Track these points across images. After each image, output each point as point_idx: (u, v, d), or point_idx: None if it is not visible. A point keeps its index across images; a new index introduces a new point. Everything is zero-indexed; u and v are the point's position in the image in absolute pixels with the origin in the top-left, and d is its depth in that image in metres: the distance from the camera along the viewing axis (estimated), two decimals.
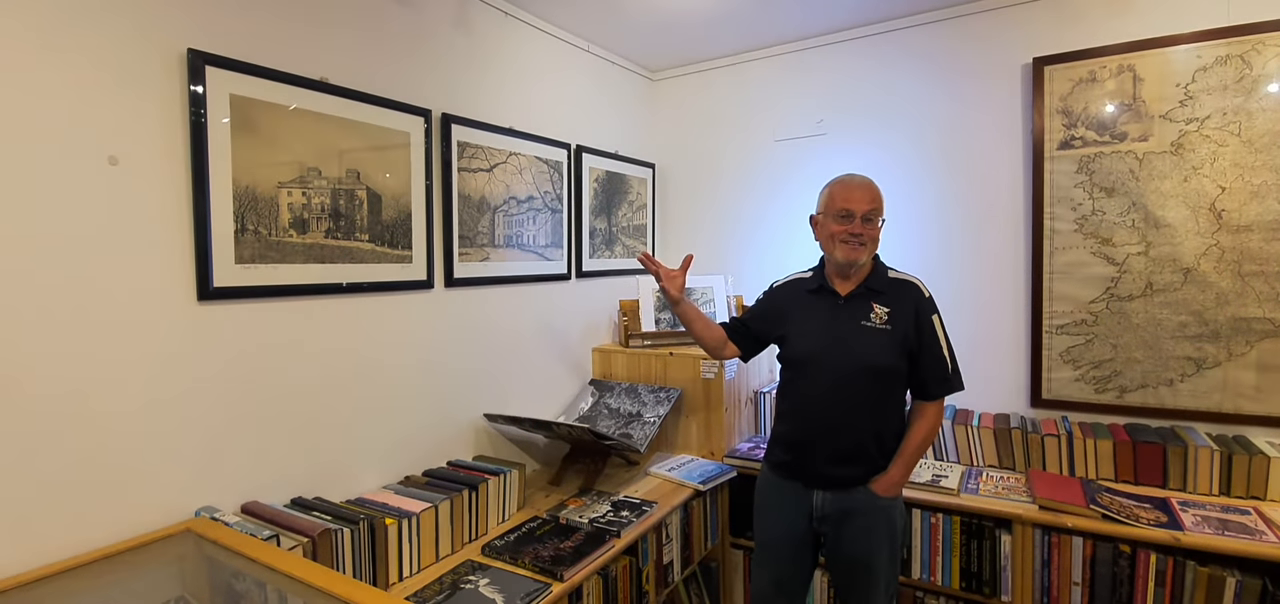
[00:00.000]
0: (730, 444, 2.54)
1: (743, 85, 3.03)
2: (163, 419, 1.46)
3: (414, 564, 1.69)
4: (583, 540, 1.82)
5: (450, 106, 2.12)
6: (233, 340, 1.58)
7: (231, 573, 1.39)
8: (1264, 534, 1.72)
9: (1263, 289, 2.04)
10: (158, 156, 1.43)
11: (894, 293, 1.75)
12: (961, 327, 2.37)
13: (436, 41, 2.09)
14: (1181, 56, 2.11)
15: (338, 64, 1.79)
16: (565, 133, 2.65)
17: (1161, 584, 1.79)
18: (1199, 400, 2.14)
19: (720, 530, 2.49)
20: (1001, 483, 2.14)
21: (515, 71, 2.41)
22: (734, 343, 1.97)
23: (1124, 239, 2.21)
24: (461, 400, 2.20)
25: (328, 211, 1.75)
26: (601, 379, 2.79)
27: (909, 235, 2.61)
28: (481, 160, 2.24)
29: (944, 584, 2.09)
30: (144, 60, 1.41)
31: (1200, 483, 2.00)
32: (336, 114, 1.77)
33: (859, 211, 1.71)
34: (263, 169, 1.60)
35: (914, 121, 2.62)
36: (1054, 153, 2.31)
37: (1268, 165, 2.01)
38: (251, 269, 1.59)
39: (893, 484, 1.72)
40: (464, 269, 2.18)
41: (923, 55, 2.59)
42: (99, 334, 1.36)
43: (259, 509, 1.58)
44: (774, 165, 2.97)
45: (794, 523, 1.79)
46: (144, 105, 1.41)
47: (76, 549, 1.33)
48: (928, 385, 1.73)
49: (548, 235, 2.57)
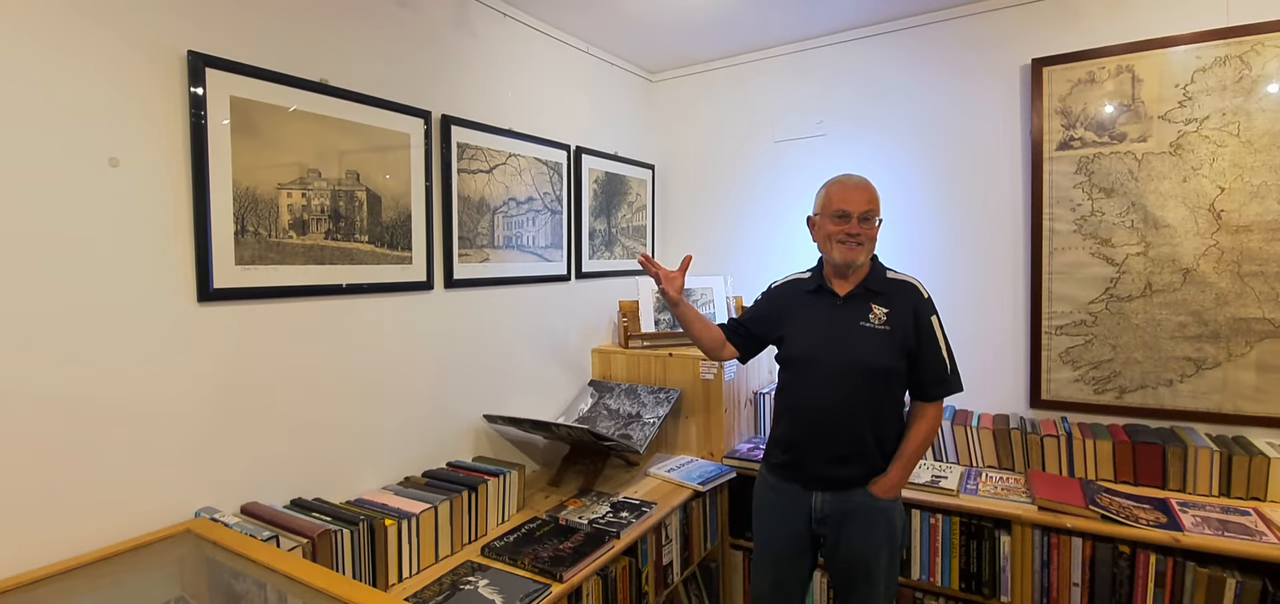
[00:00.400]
0: (729, 445, 2.55)
1: (742, 86, 3.03)
2: (162, 420, 1.46)
3: (414, 565, 1.69)
4: (582, 541, 1.82)
5: (450, 108, 2.13)
6: (233, 341, 1.58)
7: (231, 574, 1.39)
8: (1264, 535, 1.72)
9: (1262, 289, 2.04)
10: (158, 158, 1.44)
11: (893, 293, 1.75)
12: (961, 327, 2.37)
13: (436, 43, 2.10)
14: (1180, 57, 2.11)
15: (338, 66, 1.79)
16: (565, 134, 2.65)
17: (1161, 585, 1.79)
18: (1199, 401, 2.14)
19: (720, 531, 2.49)
20: (1001, 484, 2.14)
21: (515, 73, 2.42)
22: (732, 344, 1.98)
23: (1123, 240, 2.21)
24: (461, 401, 2.21)
25: (327, 213, 1.76)
26: (601, 380, 2.79)
27: (908, 236, 2.61)
28: (481, 162, 2.24)
29: (943, 585, 2.09)
30: (144, 62, 1.41)
31: (1200, 484, 1.99)
32: (336, 115, 1.77)
33: (856, 212, 1.71)
34: (263, 170, 1.61)
35: (913, 122, 2.62)
36: (1053, 153, 2.31)
37: (1267, 165, 2.01)
38: (251, 270, 1.59)
39: (892, 486, 1.72)
40: (464, 270, 2.19)
41: (921, 56, 2.59)
42: (99, 335, 1.36)
43: (258, 510, 1.58)
44: (774, 166, 2.97)
45: (793, 525, 1.79)
46: (144, 107, 1.41)
47: (76, 550, 1.33)
48: (926, 386, 1.73)
49: (547, 236, 2.57)
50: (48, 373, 1.29)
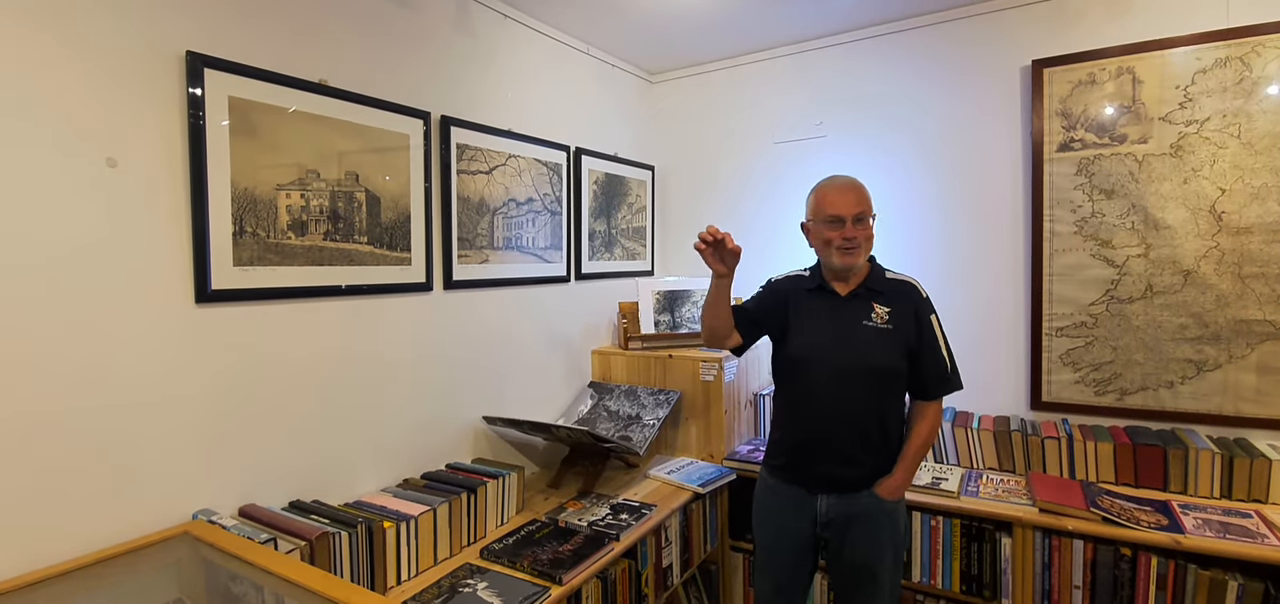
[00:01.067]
0: (729, 447, 2.54)
1: (742, 87, 3.03)
2: (160, 421, 1.46)
3: (412, 568, 1.68)
4: (582, 544, 1.81)
5: (449, 109, 2.12)
6: (231, 343, 1.57)
7: (229, 576, 1.38)
8: (1266, 538, 1.71)
9: (1263, 291, 2.04)
10: (156, 159, 1.43)
11: (893, 293, 1.74)
12: (961, 329, 2.37)
13: (435, 44, 2.09)
14: (1181, 58, 2.11)
15: (337, 66, 1.79)
16: (564, 135, 2.64)
17: (1162, 588, 1.79)
18: (1199, 403, 2.13)
19: (719, 533, 2.48)
20: (1001, 486, 2.13)
21: (514, 74, 2.41)
22: (737, 330, 1.87)
23: (1124, 241, 2.21)
24: (460, 403, 2.20)
25: (326, 214, 1.75)
26: (601, 382, 2.78)
27: (908, 237, 2.60)
28: (481, 162, 2.24)
29: (944, 587, 2.08)
30: (142, 62, 1.41)
31: (1201, 486, 1.99)
32: (335, 116, 1.77)
33: (849, 215, 1.70)
34: (261, 171, 1.60)
35: (913, 123, 2.62)
36: (1053, 155, 2.31)
37: (1268, 167, 2.01)
38: (250, 271, 1.59)
39: (897, 487, 1.71)
40: (463, 271, 2.18)
41: (922, 57, 2.59)
42: (96, 336, 1.35)
43: (257, 512, 1.57)
44: (773, 167, 2.96)
45: (796, 528, 1.78)
46: (142, 107, 1.41)
47: (73, 552, 1.33)
48: (927, 385, 1.72)
49: (547, 238, 2.57)
50: (43, 375, 1.29)
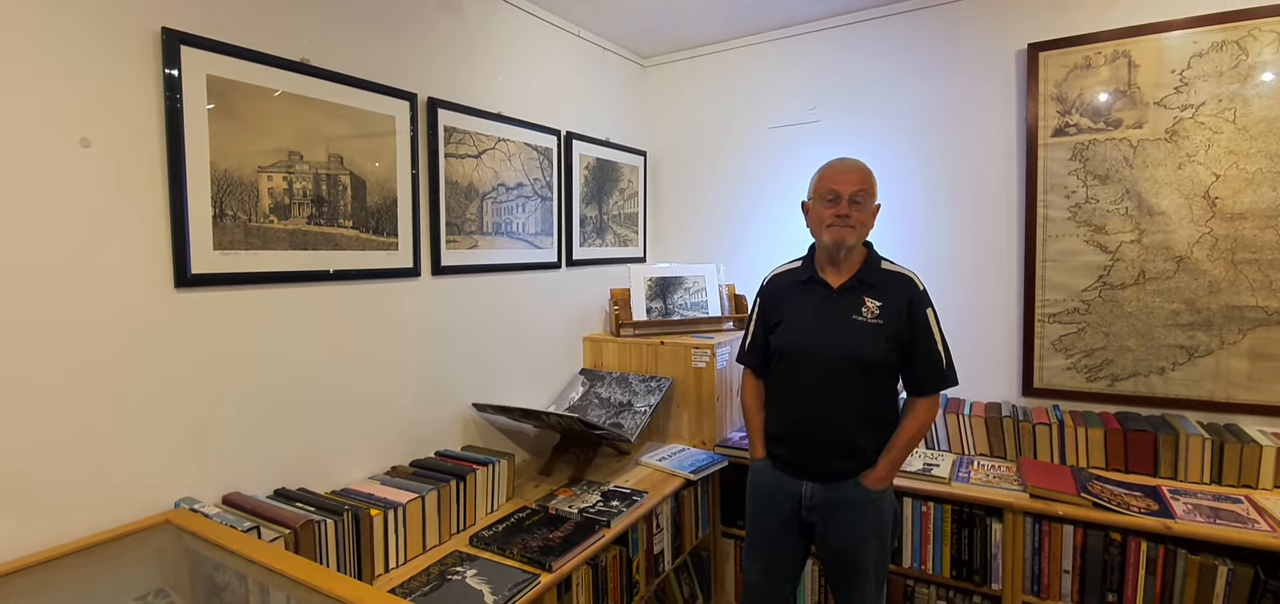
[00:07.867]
0: (721, 434, 2.53)
1: (735, 72, 3.00)
2: (140, 408, 1.43)
3: (400, 556, 1.67)
4: (572, 531, 1.80)
5: (437, 91, 2.08)
6: (212, 328, 1.54)
7: (212, 565, 1.36)
8: (1256, 523, 1.72)
9: (1256, 277, 2.03)
10: (132, 138, 1.39)
11: (887, 285, 1.73)
12: (953, 315, 2.36)
13: (422, 24, 2.05)
14: (1177, 42, 2.09)
15: (319, 45, 1.74)
16: (555, 119, 2.61)
17: (1152, 572, 1.79)
18: (1191, 389, 2.13)
19: (711, 520, 2.47)
20: (992, 471, 2.13)
21: (503, 56, 2.37)
22: (756, 375, 1.91)
23: (1117, 227, 2.20)
24: (449, 390, 2.18)
25: (310, 197, 1.72)
26: (592, 368, 2.76)
27: (901, 223, 2.59)
28: (469, 146, 2.20)
29: (935, 573, 2.08)
30: (116, 38, 1.36)
31: (1191, 471, 1.99)
32: (318, 97, 1.73)
33: (846, 192, 1.68)
34: (242, 153, 1.56)
35: (907, 108, 2.60)
36: (1048, 140, 2.29)
37: (1262, 152, 2.00)
38: (231, 255, 1.55)
39: (880, 479, 1.70)
40: (452, 257, 2.15)
41: (916, 41, 2.56)
42: (73, 322, 1.32)
43: (240, 500, 1.55)
44: (767, 153, 2.94)
45: (783, 512, 1.78)
46: (117, 85, 1.37)
47: (52, 541, 1.30)
48: (920, 380, 1.71)
49: (537, 223, 2.53)
50: (19, 361, 1.25)
